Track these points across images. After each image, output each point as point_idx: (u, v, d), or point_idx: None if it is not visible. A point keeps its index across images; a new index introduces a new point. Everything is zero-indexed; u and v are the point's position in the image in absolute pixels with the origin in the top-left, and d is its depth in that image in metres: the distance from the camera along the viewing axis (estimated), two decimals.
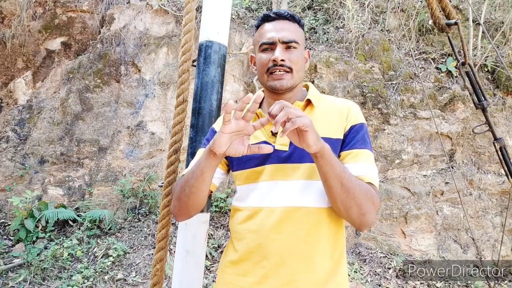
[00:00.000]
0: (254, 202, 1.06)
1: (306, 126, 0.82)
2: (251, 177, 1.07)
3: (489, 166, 4.37)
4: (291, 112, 0.81)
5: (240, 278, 1.05)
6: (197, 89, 1.41)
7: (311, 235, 1.00)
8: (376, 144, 4.30)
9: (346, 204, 0.93)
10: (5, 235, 3.93)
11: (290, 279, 0.99)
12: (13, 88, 4.68)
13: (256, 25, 1.14)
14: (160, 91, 4.64)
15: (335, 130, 1.06)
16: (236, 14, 5.04)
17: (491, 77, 4.59)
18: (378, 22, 4.98)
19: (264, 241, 1.01)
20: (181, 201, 1.06)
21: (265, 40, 1.06)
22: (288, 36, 1.05)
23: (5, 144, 4.45)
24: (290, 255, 0.99)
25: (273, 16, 1.09)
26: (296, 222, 1.00)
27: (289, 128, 0.80)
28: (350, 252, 4.06)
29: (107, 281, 3.37)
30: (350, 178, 0.93)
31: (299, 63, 1.07)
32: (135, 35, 4.75)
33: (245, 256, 1.05)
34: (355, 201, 0.93)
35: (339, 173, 0.91)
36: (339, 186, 0.91)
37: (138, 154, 4.50)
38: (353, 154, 1.02)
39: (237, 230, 1.10)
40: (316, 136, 0.86)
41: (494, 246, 4.16)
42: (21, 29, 4.60)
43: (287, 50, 1.05)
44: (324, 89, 4.40)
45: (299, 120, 0.81)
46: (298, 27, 1.11)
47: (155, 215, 4.26)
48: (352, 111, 1.09)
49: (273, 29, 1.07)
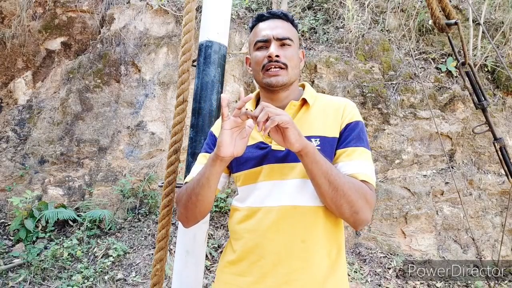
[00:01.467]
0: (253, 203, 1.06)
1: (285, 123, 0.84)
2: (249, 178, 1.08)
3: (489, 166, 4.37)
4: (270, 111, 0.84)
5: (238, 278, 1.06)
6: (197, 89, 1.41)
7: (308, 234, 1.01)
8: (376, 144, 4.30)
9: (336, 202, 0.93)
10: (5, 235, 3.93)
11: (288, 278, 0.99)
12: (13, 88, 4.68)
13: (251, 26, 1.15)
14: (160, 91, 4.64)
15: (331, 128, 1.06)
16: (236, 14, 5.04)
17: (491, 77, 4.59)
18: (378, 22, 4.98)
19: (261, 240, 1.02)
20: (188, 209, 1.06)
21: (260, 38, 1.07)
22: (282, 33, 1.07)
23: (5, 144, 4.45)
24: (287, 254, 1.00)
25: (267, 16, 1.11)
26: (293, 221, 1.01)
27: (269, 126, 0.83)
28: (350, 252, 4.06)
29: (107, 281, 3.37)
30: (338, 175, 0.93)
31: (293, 60, 1.08)
32: (135, 35, 4.75)
33: (242, 256, 1.05)
34: (345, 199, 0.93)
35: (326, 170, 0.92)
36: (326, 184, 0.92)
37: (138, 154, 4.50)
38: (348, 152, 1.02)
39: (235, 230, 1.10)
40: (297, 133, 0.88)
41: (494, 246, 4.16)
42: (21, 29, 4.60)
43: (281, 47, 1.06)
44: (324, 89, 4.40)
45: (278, 117, 0.83)
46: (292, 26, 1.12)
47: (155, 215, 4.26)
48: (347, 108, 1.09)
49: (267, 27, 1.08)
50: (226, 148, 0.92)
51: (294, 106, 1.09)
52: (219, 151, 0.92)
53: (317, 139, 1.04)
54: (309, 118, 1.09)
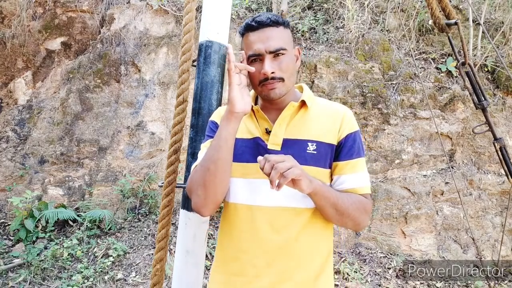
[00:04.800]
0: (245, 200, 1.07)
1: (298, 175, 0.87)
2: (242, 171, 1.08)
3: (489, 166, 4.36)
4: (281, 168, 0.85)
5: (232, 277, 1.07)
6: (197, 89, 1.41)
7: (301, 234, 1.03)
8: (376, 144, 4.30)
9: (341, 222, 1.04)
10: (5, 235, 3.93)
11: (281, 277, 1.01)
12: (13, 88, 4.68)
13: (240, 33, 1.10)
14: (160, 91, 4.64)
15: (327, 134, 1.08)
16: (236, 14, 5.04)
17: (491, 77, 4.59)
18: (378, 22, 4.98)
19: (255, 240, 1.03)
20: (206, 186, 1.00)
21: (252, 52, 1.04)
22: (274, 45, 1.02)
23: (5, 144, 4.45)
24: (281, 254, 1.02)
25: (256, 26, 1.04)
26: (287, 222, 1.03)
27: (283, 183, 0.85)
28: (350, 252, 4.06)
29: (107, 281, 3.37)
30: (343, 202, 1.01)
31: (289, 70, 1.06)
32: (135, 35, 4.75)
33: (236, 256, 1.06)
34: (350, 218, 1.02)
35: (333, 202, 0.99)
36: (334, 212, 1.00)
37: (138, 154, 4.50)
38: (351, 165, 1.06)
39: (228, 228, 1.11)
40: (308, 181, 0.91)
41: (494, 246, 4.16)
42: (21, 29, 4.60)
43: (275, 59, 1.03)
44: (324, 89, 4.40)
45: (291, 172, 0.85)
46: (283, 29, 1.07)
47: (155, 215, 4.26)
48: (346, 117, 1.11)
49: (258, 39, 1.03)
50: (239, 103, 0.97)
51: (293, 107, 1.10)
52: (233, 107, 0.97)
53: (314, 144, 1.05)
54: (306, 120, 1.10)
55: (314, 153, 1.04)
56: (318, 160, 1.05)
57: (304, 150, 1.05)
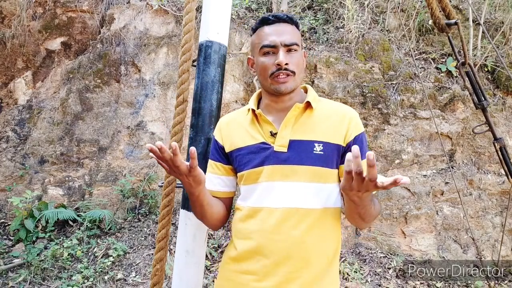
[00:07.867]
0: (254, 202, 1.09)
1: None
2: (251, 178, 1.10)
3: (489, 166, 4.36)
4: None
5: (240, 275, 1.09)
6: (197, 89, 1.41)
7: (309, 235, 1.04)
8: (376, 144, 4.30)
9: (358, 224, 1.06)
10: (5, 235, 3.93)
11: (289, 277, 1.02)
12: (13, 88, 4.68)
13: (254, 28, 1.14)
14: (160, 91, 4.64)
15: (334, 135, 1.08)
16: (236, 14, 5.04)
17: (491, 77, 4.59)
18: (378, 22, 4.97)
19: (264, 241, 1.05)
20: (201, 219, 1.17)
21: (267, 43, 1.06)
22: (289, 39, 1.07)
23: (5, 144, 4.45)
24: (289, 254, 1.03)
25: (273, 19, 1.09)
26: (295, 223, 1.04)
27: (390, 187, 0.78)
28: (350, 252, 4.06)
29: (107, 281, 3.37)
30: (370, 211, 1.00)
31: (300, 65, 1.09)
32: (135, 35, 4.75)
33: (245, 255, 1.08)
34: (365, 221, 1.04)
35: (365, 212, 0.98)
36: (358, 218, 1.01)
37: (138, 154, 4.50)
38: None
39: (238, 229, 1.14)
40: None
41: (494, 246, 4.16)
42: (21, 29, 4.60)
43: (288, 53, 1.07)
44: (324, 89, 4.40)
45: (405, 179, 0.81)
46: (296, 29, 1.13)
47: (155, 215, 4.26)
48: (354, 119, 1.12)
49: (274, 32, 1.07)
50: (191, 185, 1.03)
51: (298, 108, 1.10)
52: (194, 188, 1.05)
53: (321, 144, 1.06)
54: (312, 121, 1.10)
55: (321, 153, 1.05)
56: (325, 160, 1.06)
57: (311, 151, 1.05)
